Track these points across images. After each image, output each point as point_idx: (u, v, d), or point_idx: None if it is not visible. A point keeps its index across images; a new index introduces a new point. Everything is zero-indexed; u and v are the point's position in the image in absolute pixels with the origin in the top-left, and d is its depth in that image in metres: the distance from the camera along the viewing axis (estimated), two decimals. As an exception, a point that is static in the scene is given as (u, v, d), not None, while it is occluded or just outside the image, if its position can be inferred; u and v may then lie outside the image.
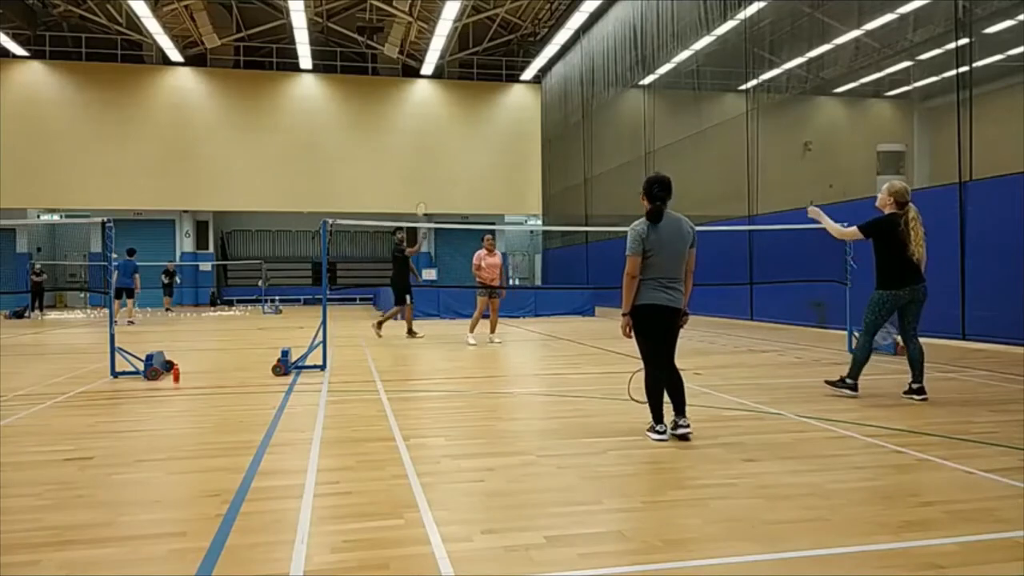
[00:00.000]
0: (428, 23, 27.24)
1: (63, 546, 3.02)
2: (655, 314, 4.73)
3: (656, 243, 4.68)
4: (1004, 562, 2.79)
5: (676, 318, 4.80)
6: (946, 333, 10.81)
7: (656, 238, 4.68)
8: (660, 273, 4.71)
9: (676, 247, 4.72)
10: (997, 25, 13.20)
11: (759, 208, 16.06)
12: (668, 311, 4.75)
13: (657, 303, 4.70)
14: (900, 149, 17.90)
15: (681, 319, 4.84)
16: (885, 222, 6.13)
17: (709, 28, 17.96)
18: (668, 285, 4.73)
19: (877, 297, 6.20)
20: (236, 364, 9.86)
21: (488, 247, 12.01)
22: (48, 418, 5.88)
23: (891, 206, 6.16)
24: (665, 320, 4.77)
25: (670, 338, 4.85)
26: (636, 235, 4.72)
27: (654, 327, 4.78)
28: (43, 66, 28.43)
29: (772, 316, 15.43)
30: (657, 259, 4.69)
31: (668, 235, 4.71)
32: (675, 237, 4.72)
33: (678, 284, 4.77)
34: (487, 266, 11.90)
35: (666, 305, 4.72)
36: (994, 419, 5.40)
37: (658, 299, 4.70)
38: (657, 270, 4.70)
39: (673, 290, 4.75)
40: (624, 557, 2.87)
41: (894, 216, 6.09)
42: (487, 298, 12.00)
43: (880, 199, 6.30)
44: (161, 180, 28.87)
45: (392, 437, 4.98)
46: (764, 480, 3.87)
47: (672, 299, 4.74)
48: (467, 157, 31.42)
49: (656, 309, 4.71)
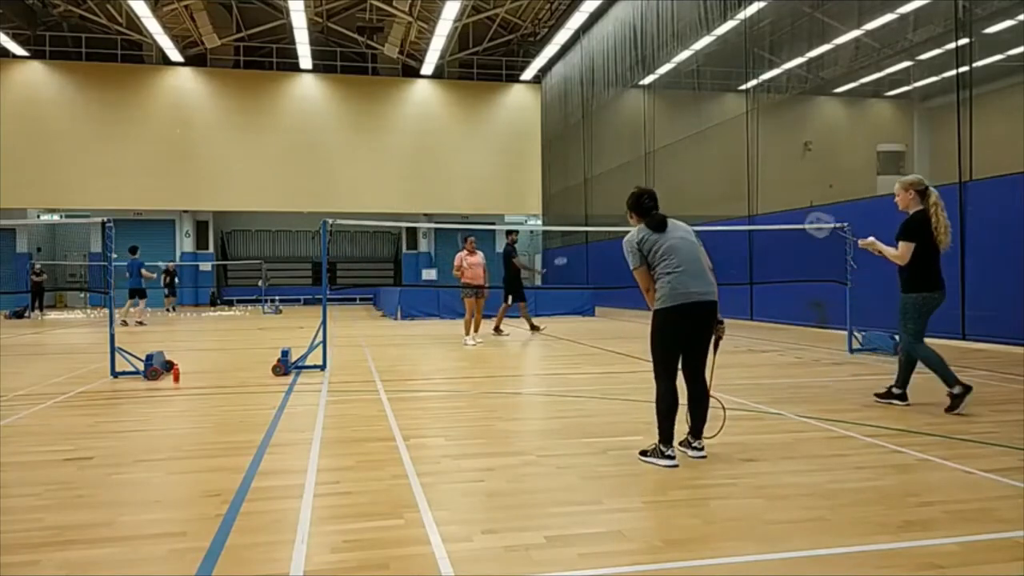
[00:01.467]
0: (428, 23, 27.24)
1: (63, 546, 3.02)
2: (685, 313, 4.17)
3: (659, 240, 4.28)
4: (1004, 562, 2.79)
5: (710, 315, 4.22)
6: (946, 333, 10.81)
7: (657, 238, 4.29)
8: (683, 260, 4.21)
9: (687, 240, 4.32)
10: (997, 25, 13.20)
11: (759, 208, 16.06)
12: (701, 307, 4.17)
13: (693, 300, 4.15)
14: (900, 149, 17.91)
15: (717, 328, 4.29)
16: (917, 220, 5.73)
17: (709, 28, 17.95)
18: (696, 271, 4.21)
19: (912, 302, 5.78)
20: (236, 364, 9.86)
21: (469, 248, 12.21)
22: (48, 418, 5.88)
23: (914, 201, 5.79)
24: (696, 320, 4.20)
25: (702, 344, 4.28)
26: (631, 245, 4.34)
27: (680, 331, 4.23)
28: (43, 66, 28.42)
29: (772, 316, 15.43)
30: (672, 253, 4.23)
31: (675, 235, 4.32)
32: (681, 234, 4.34)
33: (707, 271, 4.26)
34: (468, 266, 12.06)
35: (699, 300, 4.16)
36: (994, 419, 5.41)
37: (693, 293, 4.16)
38: (679, 259, 4.21)
39: (702, 276, 4.21)
40: (624, 557, 2.87)
41: (922, 212, 5.72)
42: (474, 299, 12.11)
43: (900, 199, 5.90)
44: (161, 180, 28.86)
45: (392, 437, 4.98)
46: (764, 480, 3.87)
47: (704, 289, 4.19)
48: (467, 157, 31.41)
49: (685, 308, 4.16)
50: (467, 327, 12.01)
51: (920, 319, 5.80)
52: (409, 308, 18.96)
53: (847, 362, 8.98)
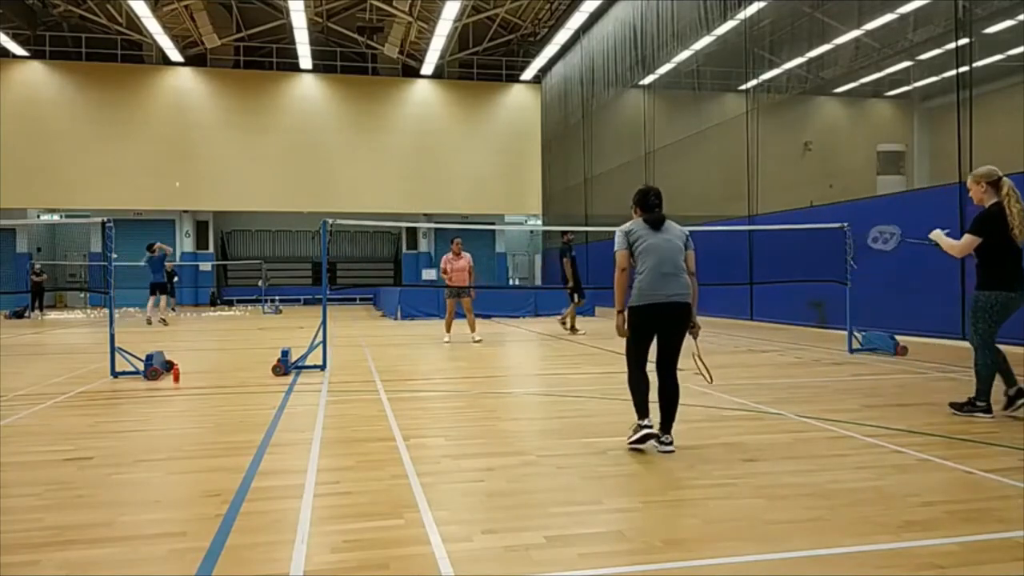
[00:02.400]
0: (428, 23, 27.23)
1: (63, 546, 3.02)
2: (655, 313, 4.45)
3: (648, 236, 4.52)
4: (1004, 562, 2.79)
5: (681, 315, 4.46)
6: (946, 333, 10.81)
7: (648, 234, 4.52)
8: (660, 262, 4.45)
9: (674, 243, 4.53)
10: (997, 25, 13.21)
11: (759, 208, 16.06)
12: (670, 307, 4.43)
13: (658, 301, 4.42)
14: (900, 149, 17.91)
15: (692, 328, 4.55)
16: (990, 214, 5.35)
17: (709, 28, 17.95)
18: (671, 272, 4.44)
19: (984, 300, 5.35)
20: (236, 364, 9.86)
21: (455, 250, 12.52)
22: (48, 418, 5.88)
23: (988, 194, 5.41)
24: (664, 319, 4.47)
25: (673, 342, 4.53)
26: (621, 232, 4.61)
27: (650, 326, 4.51)
28: (43, 66, 28.41)
29: (772, 316, 15.43)
30: (653, 252, 4.48)
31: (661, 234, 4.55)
32: (669, 236, 4.55)
33: (682, 275, 4.48)
34: (452, 270, 12.35)
35: (667, 301, 4.42)
36: (994, 419, 5.40)
37: (659, 294, 4.42)
38: (656, 260, 4.46)
39: (674, 279, 4.44)
40: (624, 557, 2.87)
41: (997, 204, 5.34)
42: (455, 299, 12.40)
43: (973, 193, 5.53)
44: (161, 180, 28.85)
45: (392, 437, 4.98)
46: (764, 480, 3.87)
47: (674, 291, 4.42)
48: (467, 157, 31.40)
49: (656, 308, 4.43)
50: (447, 326, 12.42)
51: (991, 320, 5.36)
52: (409, 308, 18.97)
53: (847, 362, 8.98)
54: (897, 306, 11.57)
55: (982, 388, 5.45)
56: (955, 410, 5.58)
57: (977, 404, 5.48)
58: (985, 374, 5.44)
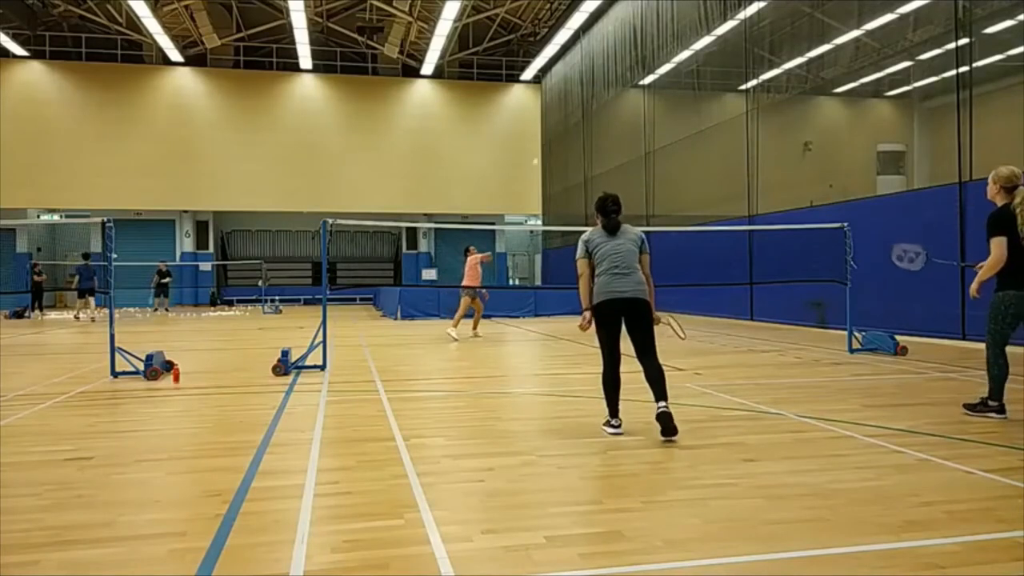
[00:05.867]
0: (428, 23, 27.24)
1: (63, 546, 3.02)
2: (615, 308, 4.95)
3: (604, 243, 5.06)
4: (1004, 562, 2.79)
5: (642, 309, 4.97)
6: (946, 333, 10.81)
7: (604, 240, 5.07)
8: (614, 264, 4.99)
9: (627, 246, 5.06)
10: (997, 25, 13.19)
11: (759, 208, 16.05)
12: (629, 303, 4.93)
13: (615, 297, 4.93)
14: (900, 149, 17.89)
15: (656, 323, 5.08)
16: (1000, 214, 5.39)
17: (709, 28, 17.94)
18: (624, 272, 4.96)
19: (997, 300, 5.39)
20: (236, 364, 9.86)
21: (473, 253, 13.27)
22: (48, 418, 5.87)
23: (1000, 195, 5.46)
24: (625, 313, 4.95)
25: (640, 333, 5.00)
26: (581, 242, 5.14)
27: (613, 320, 4.98)
28: (43, 66, 28.42)
29: (772, 316, 15.42)
30: (609, 255, 5.01)
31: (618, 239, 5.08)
32: (623, 240, 5.08)
33: (635, 273, 4.99)
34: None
35: (626, 297, 4.92)
36: (994, 419, 5.39)
37: (615, 291, 4.93)
38: (610, 262, 5.00)
39: (629, 277, 4.95)
40: (624, 557, 2.87)
41: (1007, 207, 5.39)
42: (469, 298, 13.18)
43: (989, 190, 5.60)
44: (161, 180, 28.85)
45: (392, 437, 4.98)
46: (764, 480, 3.87)
47: (631, 288, 4.94)
48: (467, 157, 31.41)
49: (614, 303, 4.94)
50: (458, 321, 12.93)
51: (1002, 320, 5.34)
52: (409, 308, 18.97)
53: (847, 362, 8.97)
54: (897, 306, 11.57)
55: (994, 388, 5.47)
56: (968, 411, 5.56)
57: (989, 404, 5.48)
58: (996, 374, 5.44)
